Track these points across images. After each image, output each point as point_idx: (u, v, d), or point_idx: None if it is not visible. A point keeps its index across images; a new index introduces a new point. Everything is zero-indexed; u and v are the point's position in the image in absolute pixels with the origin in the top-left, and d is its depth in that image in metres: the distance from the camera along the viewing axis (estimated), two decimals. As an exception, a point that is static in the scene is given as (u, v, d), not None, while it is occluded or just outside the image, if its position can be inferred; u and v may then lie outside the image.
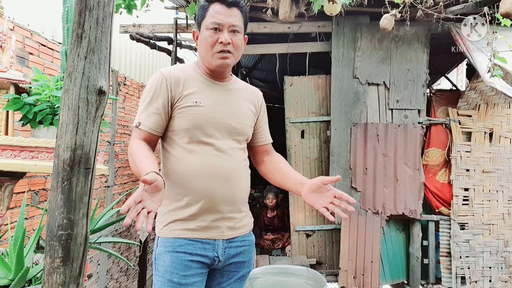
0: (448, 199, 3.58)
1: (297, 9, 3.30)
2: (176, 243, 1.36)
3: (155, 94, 1.39)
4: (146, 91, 1.42)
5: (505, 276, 3.54)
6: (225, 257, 1.44)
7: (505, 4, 2.56)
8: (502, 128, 3.60)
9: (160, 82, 1.40)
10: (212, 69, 1.45)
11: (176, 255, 1.36)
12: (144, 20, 3.92)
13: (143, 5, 3.18)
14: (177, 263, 1.35)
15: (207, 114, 1.40)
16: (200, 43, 1.44)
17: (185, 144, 1.39)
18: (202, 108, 1.40)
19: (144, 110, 1.39)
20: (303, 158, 3.87)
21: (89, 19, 1.06)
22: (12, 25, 2.63)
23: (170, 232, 1.38)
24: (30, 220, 2.81)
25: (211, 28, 1.39)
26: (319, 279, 2.20)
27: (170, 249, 1.36)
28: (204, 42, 1.41)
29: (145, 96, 1.41)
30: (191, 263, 1.37)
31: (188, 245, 1.37)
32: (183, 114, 1.39)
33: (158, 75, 1.42)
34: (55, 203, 1.07)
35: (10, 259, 1.71)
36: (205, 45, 1.41)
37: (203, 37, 1.41)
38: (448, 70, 5.37)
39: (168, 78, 1.40)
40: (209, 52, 1.41)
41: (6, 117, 1.98)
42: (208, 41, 1.39)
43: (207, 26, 1.39)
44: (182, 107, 1.39)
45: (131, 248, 4.75)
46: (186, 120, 1.39)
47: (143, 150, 1.33)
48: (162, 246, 1.38)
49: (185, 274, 1.35)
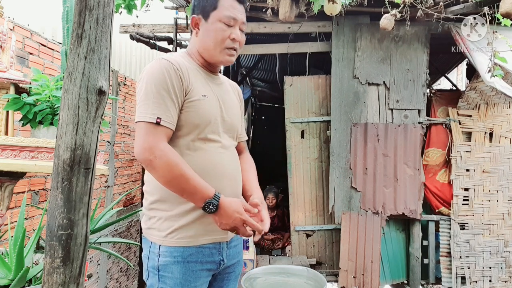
0: (448, 199, 3.58)
1: (297, 9, 3.30)
2: (185, 252, 1.26)
3: (170, 85, 1.22)
4: (155, 81, 1.22)
5: (505, 276, 3.54)
6: (228, 259, 1.39)
7: (505, 4, 2.56)
8: (502, 128, 3.59)
9: (173, 71, 1.24)
10: (212, 63, 1.38)
11: (187, 266, 1.26)
12: (144, 20, 3.92)
13: (143, 5, 3.18)
14: (188, 274, 1.26)
15: (214, 109, 1.33)
16: (206, 33, 1.33)
17: (190, 141, 1.28)
18: (209, 102, 1.31)
19: (160, 103, 1.21)
20: (303, 158, 3.87)
21: (89, 19, 1.06)
22: (12, 25, 2.63)
23: (177, 241, 1.26)
24: (30, 220, 2.81)
25: (226, 22, 1.30)
26: (319, 279, 2.19)
27: (180, 259, 1.26)
28: (215, 34, 1.31)
29: (157, 87, 1.21)
30: (201, 272, 1.29)
31: (198, 253, 1.28)
32: (193, 108, 1.27)
33: (166, 63, 1.24)
34: (55, 203, 1.06)
35: (10, 259, 1.70)
36: (215, 37, 1.31)
37: (214, 29, 1.30)
38: (448, 70, 5.37)
39: (179, 67, 1.26)
40: (217, 47, 1.32)
41: (6, 117, 1.98)
42: (219, 35, 1.30)
43: (221, 18, 1.30)
44: (192, 101, 1.27)
45: (131, 248, 4.74)
46: (197, 115, 1.27)
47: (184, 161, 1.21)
48: (169, 256, 1.26)
49: (196, 285, 1.28)
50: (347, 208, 3.58)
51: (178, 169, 1.17)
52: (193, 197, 1.21)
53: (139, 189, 5.02)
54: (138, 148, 1.21)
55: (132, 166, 4.90)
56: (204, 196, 1.19)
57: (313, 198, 3.86)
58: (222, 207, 1.20)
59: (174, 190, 1.22)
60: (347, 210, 3.58)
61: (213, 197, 1.20)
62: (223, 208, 1.20)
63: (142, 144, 1.20)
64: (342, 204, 3.59)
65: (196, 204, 1.22)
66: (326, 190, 3.80)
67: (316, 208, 3.86)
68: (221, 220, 1.22)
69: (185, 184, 1.18)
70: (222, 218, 1.21)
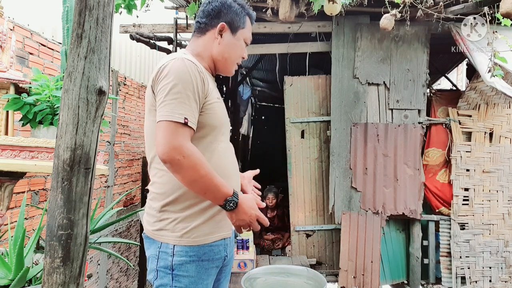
0: (448, 199, 3.58)
1: (297, 9, 3.30)
2: (200, 251, 1.31)
3: (195, 87, 1.25)
4: (182, 82, 1.23)
5: (505, 276, 3.54)
6: (230, 254, 1.45)
7: (505, 4, 2.55)
8: (502, 128, 3.59)
9: (198, 74, 1.27)
10: (221, 70, 1.48)
11: (201, 264, 1.31)
12: (144, 20, 3.91)
13: (143, 5, 3.18)
14: (202, 272, 1.31)
15: (225, 112, 1.42)
16: (231, 46, 1.44)
17: (209, 142, 1.33)
18: (222, 105, 1.40)
19: (186, 104, 1.21)
20: (303, 158, 3.87)
21: (89, 19, 1.06)
22: (12, 25, 2.63)
23: (194, 240, 1.30)
24: (30, 220, 2.81)
25: (247, 42, 1.48)
26: (319, 279, 2.19)
27: (195, 258, 1.30)
28: (238, 50, 1.46)
29: (183, 88, 1.22)
30: (212, 270, 1.34)
31: (210, 251, 1.33)
32: (212, 111, 1.32)
33: (191, 65, 1.27)
34: (55, 203, 1.06)
35: (10, 259, 1.70)
36: (236, 53, 1.45)
37: (239, 46, 1.46)
38: (448, 70, 5.37)
39: (201, 70, 1.30)
40: (234, 60, 1.46)
41: (6, 117, 1.98)
42: (240, 52, 1.46)
43: (246, 38, 1.47)
44: (211, 103, 1.32)
45: (131, 248, 4.75)
46: (215, 117, 1.33)
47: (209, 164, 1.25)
48: (185, 255, 1.29)
49: (207, 283, 1.33)
50: (347, 208, 3.58)
51: (203, 168, 1.20)
52: (215, 196, 1.25)
53: (139, 189, 5.02)
54: (165, 147, 1.18)
55: (132, 166, 4.90)
56: (225, 194, 1.24)
57: (313, 198, 3.86)
58: (241, 204, 1.26)
59: (197, 190, 1.24)
60: (347, 210, 3.58)
61: (233, 195, 1.25)
62: (241, 206, 1.26)
63: (170, 143, 1.18)
64: (342, 204, 3.59)
65: (217, 203, 1.26)
66: (326, 190, 3.80)
67: (316, 208, 3.86)
68: (238, 216, 1.27)
69: (209, 183, 1.22)
70: (239, 215, 1.27)
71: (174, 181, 1.28)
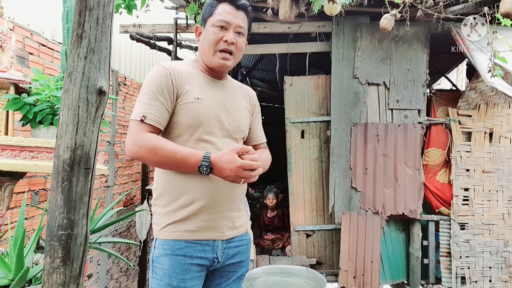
0: (448, 199, 3.58)
1: (297, 9, 3.30)
2: (175, 245, 1.34)
3: (159, 88, 1.33)
4: (148, 85, 1.35)
5: (505, 276, 3.54)
6: (224, 258, 1.43)
7: (505, 4, 2.56)
8: (502, 128, 3.60)
9: (164, 76, 1.35)
10: (211, 67, 1.45)
11: (175, 258, 1.34)
12: (144, 20, 3.91)
13: (143, 5, 3.18)
14: (176, 266, 1.33)
15: (208, 111, 1.39)
16: (203, 39, 1.44)
17: (184, 141, 1.36)
18: (203, 105, 1.38)
19: (148, 103, 1.32)
20: (303, 158, 3.87)
21: (89, 19, 1.06)
22: (12, 25, 2.63)
23: (169, 234, 1.36)
24: (30, 220, 2.81)
25: (218, 25, 1.39)
26: (319, 279, 2.20)
27: (169, 252, 1.34)
28: (208, 38, 1.41)
29: (148, 90, 1.34)
30: (190, 266, 1.35)
31: (187, 247, 1.35)
32: (185, 110, 1.36)
33: (161, 68, 1.37)
34: (55, 203, 1.07)
35: (10, 259, 1.70)
36: (208, 41, 1.41)
37: (208, 33, 1.41)
38: (448, 70, 5.37)
39: (172, 72, 1.37)
40: (211, 49, 1.41)
41: (6, 117, 1.98)
42: (212, 38, 1.40)
43: (214, 23, 1.40)
44: (184, 103, 1.36)
45: (131, 248, 4.75)
46: (188, 116, 1.36)
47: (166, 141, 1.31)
48: (161, 248, 1.36)
49: (184, 278, 1.34)
50: (347, 208, 3.58)
51: (162, 149, 1.27)
52: (186, 167, 1.29)
53: (139, 189, 5.02)
54: (126, 145, 1.33)
55: (132, 166, 4.90)
56: (196, 161, 1.27)
57: (313, 198, 3.86)
58: (215, 163, 1.27)
59: (168, 168, 1.33)
60: (347, 210, 3.58)
61: (202, 159, 1.27)
62: (216, 165, 1.27)
63: (129, 138, 1.31)
64: (342, 204, 3.59)
65: (194, 171, 1.29)
66: (326, 190, 3.80)
67: (316, 208, 3.86)
68: (222, 174, 1.28)
69: (173, 159, 1.27)
70: (221, 173, 1.28)
71: (160, 177, 1.39)
